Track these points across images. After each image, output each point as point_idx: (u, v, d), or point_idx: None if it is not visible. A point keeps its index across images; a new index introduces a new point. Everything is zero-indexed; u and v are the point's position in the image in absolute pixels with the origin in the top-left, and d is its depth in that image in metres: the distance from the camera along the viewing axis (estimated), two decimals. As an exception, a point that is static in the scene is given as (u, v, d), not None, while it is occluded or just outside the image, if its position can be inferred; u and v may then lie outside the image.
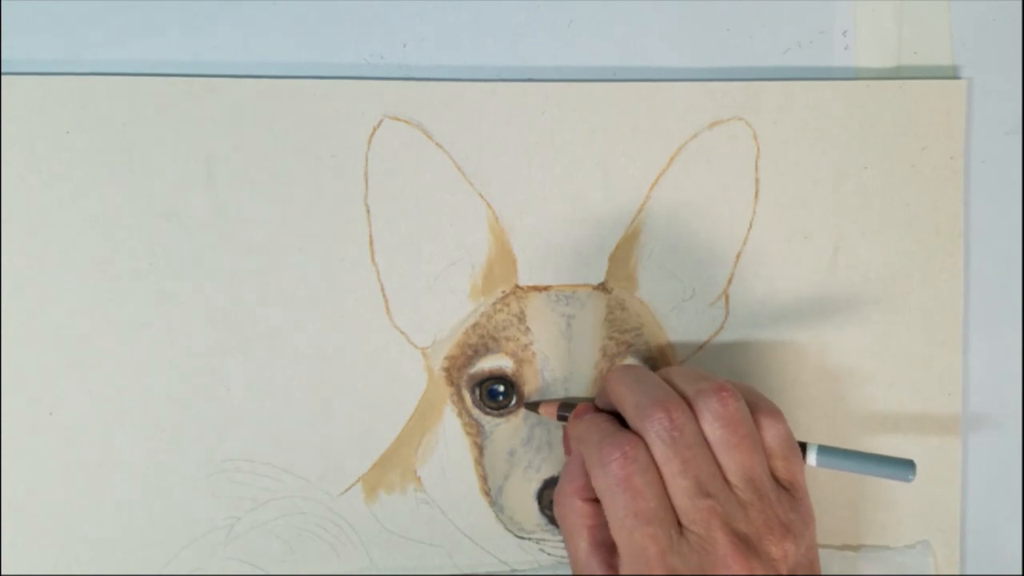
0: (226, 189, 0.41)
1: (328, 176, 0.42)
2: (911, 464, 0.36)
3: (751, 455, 0.34)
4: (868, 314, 0.43)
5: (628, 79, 0.43)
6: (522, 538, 0.43)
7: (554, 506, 0.38)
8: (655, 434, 0.34)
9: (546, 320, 0.42)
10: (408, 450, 0.42)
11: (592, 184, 0.42)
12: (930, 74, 0.44)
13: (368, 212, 0.42)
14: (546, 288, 0.42)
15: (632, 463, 0.33)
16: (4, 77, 0.41)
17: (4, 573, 0.41)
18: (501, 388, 0.42)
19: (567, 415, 0.40)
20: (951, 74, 0.44)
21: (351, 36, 0.42)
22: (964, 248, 0.44)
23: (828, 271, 0.43)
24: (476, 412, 0.42)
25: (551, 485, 0.42)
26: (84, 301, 0.41)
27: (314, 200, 0.42)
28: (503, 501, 0.42)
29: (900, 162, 0.43)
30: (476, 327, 0.42)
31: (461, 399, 0.42)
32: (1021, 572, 0.44)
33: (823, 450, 0.37)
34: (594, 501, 0.36)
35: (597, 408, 0.39)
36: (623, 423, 0.36)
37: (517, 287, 0.42)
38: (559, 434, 0.42)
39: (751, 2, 0.43)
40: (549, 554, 0.43)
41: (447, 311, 0.42)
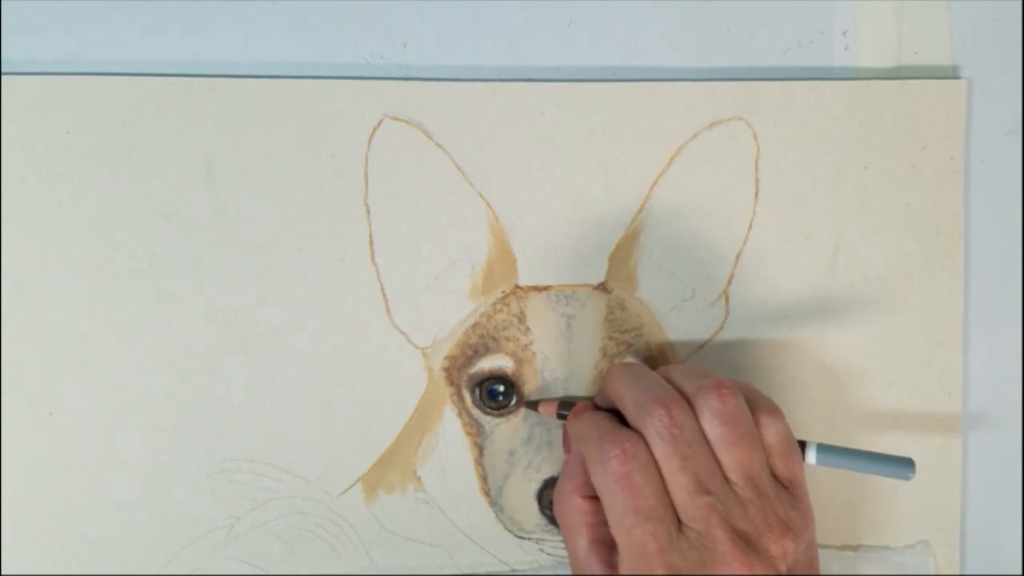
0: (226, 189, 0.41)
1: (328, 176, 0.42)
2: (910, 462, 0.36)
3: (750, 453, 0.34)
4: (868, 314, 0.43)
5: (628, 79, 0.43)
6: (522, 538, 0.43)
7: (553, 504, 0.38)
8: (654, 431, 0.34)
9: (546, 320, 0.42)
10: (408, 450, 0.42)
11: (592, 184, 0.42)
12: (930, 74, 0.44)
13: (368, 212, 0.42)
14: (546, 288, 0.42)
15: (631, 460, 0.33)
16: (4, 77, 0.41)
17: (4, 573, 0.41)
18: (501, 388, 0.42)
19: (567, 413, 0.40)
20: (951, 74, 0.44)
21: (351, 36, 0.42)
22: (964, 248, 0.44)
23: (828, 271, 0.43)
24: (476, 412, 0.42)
25: (551, 485, 0.42)
26: (84, 301, 0.41)
27: (314, 200, 0.42)
28: (503, 501, 0.42)
29: (900, 162, 0.43)
30: (476, 327, 0.42)
31: (461, 399, 0.42)
32: (1021, 572, 0.44)
33: (823, 448, 0.37)
34: (594, 499, 0.36)
35: (597, 406, 0.39)
36: (623, 421, 0.36)
37: (517, 287, 0.42)
38: (559, 434, 0.42)
39: (751, 2, 0.43)
40: (549, 554, 0.43)
41: (447, 311, 0.42)
